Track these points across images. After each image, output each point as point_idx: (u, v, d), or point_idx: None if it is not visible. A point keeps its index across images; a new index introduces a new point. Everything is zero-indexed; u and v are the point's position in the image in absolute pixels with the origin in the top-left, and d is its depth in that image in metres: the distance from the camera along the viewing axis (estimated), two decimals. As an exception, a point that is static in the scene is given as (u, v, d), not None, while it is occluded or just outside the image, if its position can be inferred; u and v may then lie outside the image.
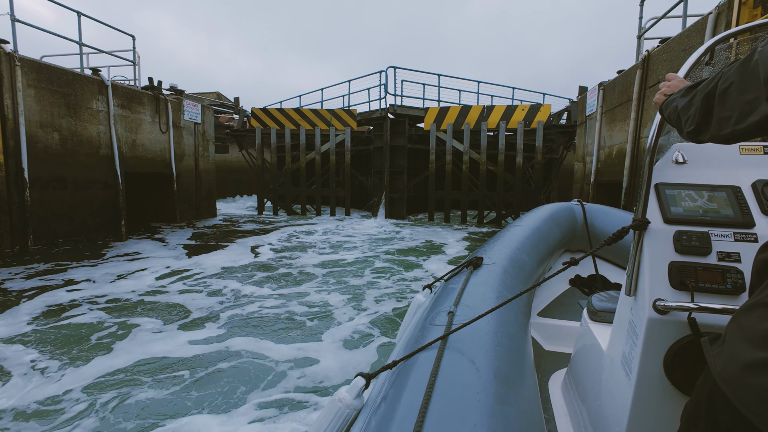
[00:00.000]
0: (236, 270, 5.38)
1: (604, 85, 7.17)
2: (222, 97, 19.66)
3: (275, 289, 4.56)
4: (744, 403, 0.51)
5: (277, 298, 4.20)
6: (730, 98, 0.69)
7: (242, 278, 4.99)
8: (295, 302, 4.08)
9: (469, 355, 1.01)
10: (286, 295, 4.30)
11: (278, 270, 5.43)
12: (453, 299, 1.40)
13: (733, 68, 0.69)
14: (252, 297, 4.24)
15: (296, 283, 4.83)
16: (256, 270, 5.40)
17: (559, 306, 2.58)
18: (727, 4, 3.83)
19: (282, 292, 4.42)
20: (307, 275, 5.17)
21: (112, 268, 5.35)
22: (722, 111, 0.71)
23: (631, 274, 1.12)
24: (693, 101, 0.80)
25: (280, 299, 4.17)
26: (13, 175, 6.08)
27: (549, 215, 3.06)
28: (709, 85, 0.75)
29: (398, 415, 0.82)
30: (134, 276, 4.98)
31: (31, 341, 3.10)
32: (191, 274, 5.13)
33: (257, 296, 4.28)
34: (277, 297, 4.25)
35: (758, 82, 0.62)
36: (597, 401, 1.27)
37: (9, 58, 5.94)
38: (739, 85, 0.67)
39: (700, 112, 0.78)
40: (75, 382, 2.53)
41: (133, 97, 8.31)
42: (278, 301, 4.13)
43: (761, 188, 1.12)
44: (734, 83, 0.68)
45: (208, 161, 10.87)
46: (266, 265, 5.70)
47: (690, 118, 0.81)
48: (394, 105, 11.31)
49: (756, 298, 0.60)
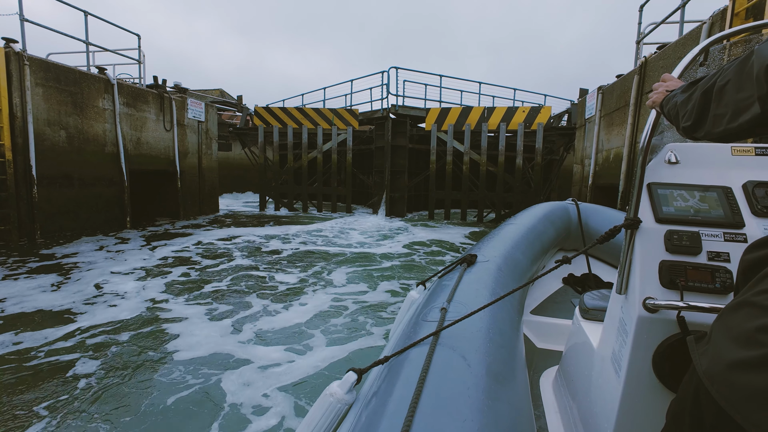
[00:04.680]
0: (248, 257, 5.51)
1: (603, 89, 7.25)
2: (225, 94, 19.75)
3: (297, 276, 4.70)
4: (728, 401, 0.51)
5: (297, 282, 4.35)
6: (727, 95, 0.69)
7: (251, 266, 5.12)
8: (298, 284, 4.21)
9: (461, 351, 1.02)
10: (305, 280, 4.44)
11: (276, 259, 5.56)
12: (446, 296, 1.42)
13: (733, 66, 0.69)
14: (281, 282, 4.46)
15: (291, 268, 4.95)
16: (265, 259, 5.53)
17: (552, 304, 2.59)
18: (720, 14, 3.93)
19: (287, 279, 4.55)
20: (302, 263, 5.30)
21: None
22: (717, 108, 0.71)
23: (623, 272, 1.13)
24: (692, 96, 0.80)
25: (300, 283, 4.32)
26: (21, 172, 6.20)
27: (544, 214, 3.08)
28: (709, 81, 0.75)
29: (389, 409, 0.83)
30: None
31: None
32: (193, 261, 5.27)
33: (285, 282, 4.48)
34: (299, 281, 4.39)
35: (752, 83, 0.62)
36: (587, 398, 1.28)
37: (18, 58, 6.05)
38: (735, 83, 0.67)
39: (697, 108, 0.78)
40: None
41: (138, 95, 8.42)
42: (298, 284, 4.28)
43: (752, 189, 1.12)
44: (731, 81, 0.68)
45: (211, 159, 10.97)
46: (265, 258, 5.82)
47: (687, 113, 0.81)
48: (396, 105, 11.39)
49: (741, 298, 0.59)
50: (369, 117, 12.07)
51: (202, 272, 5.19)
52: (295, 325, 3.54)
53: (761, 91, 0.60)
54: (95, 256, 5.81)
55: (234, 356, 2.92)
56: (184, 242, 7.06)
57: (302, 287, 4.64)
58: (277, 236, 8.03)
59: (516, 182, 10.78)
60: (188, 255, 6.10)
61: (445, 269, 1.85)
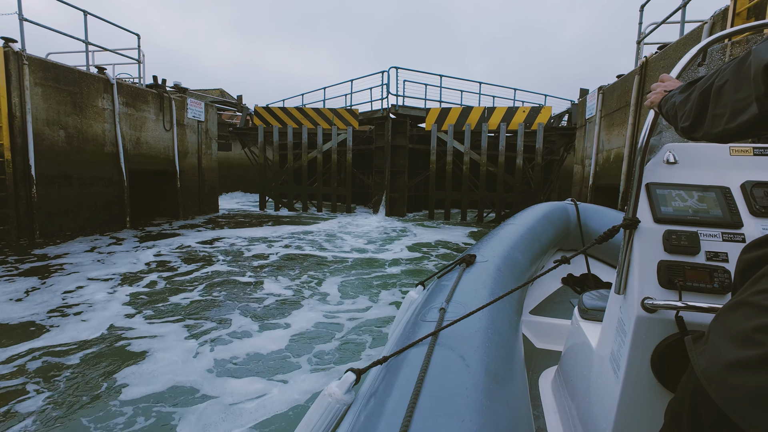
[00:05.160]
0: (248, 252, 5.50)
1: (604, 89, 7.23)
2: (225, 94, 19.75)
3: (291, 274, 4.68)
4: (726, 401, 0.51)
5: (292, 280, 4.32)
6: (725, 96, 0.68)
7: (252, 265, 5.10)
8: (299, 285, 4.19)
9: (459, 352, 1.02)
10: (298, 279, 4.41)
11: (271, 257, 5.55)
12: (445, 296, 1.42)
13: (731, 66, 0.69)
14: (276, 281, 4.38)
15: (293, 267, 4.94)
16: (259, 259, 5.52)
17: (551, 304, 2.59)
18: (722, 14, 3.91)
19: (284, 279, 4.53)
20: (302, 262, 5.28)
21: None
22: (716, 108, 0.71)
23: (621, 272, 1.13)
24: (690, 96, 0.79)
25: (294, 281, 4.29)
26: (21, 171, 6.19)
27: (543, 214, 3.07)
28: (707, 81, 0.75)
29: (387, 409, 0.83)
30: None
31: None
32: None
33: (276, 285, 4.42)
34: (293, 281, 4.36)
35: (749, 83, 0.62)
36: (586, 398, 1.28)
37: (17, 57, 6.04)
38: (733, 83, 0.67)
39: (696, 108, 0.77)
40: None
41: (137, 95, 8.40)
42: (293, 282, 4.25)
43: (750, 189, 1.12)
44: (729, 81, 0.68)
45: (210, 159, 10.97)
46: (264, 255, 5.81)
47: (686, 114, 0.80)
48: (396, 105, 11.39)
49: (739, 297, 0.59)
50: (369, 117, 12.06)
51: (182, 281, 4.82)
52: (277, 348, 3.11)
53: (758, 91, 0.60)
54: (82, 258, 5.65)
55: (198, 390, 2.49)
56: (176, 243, 6.99)
57: (292, 297, 4.35)
58: (274, 237, 8.01)
59: (516, 182, 10.76)
60: (175, 259, 5.86)
61: (444, 269, 1.84)
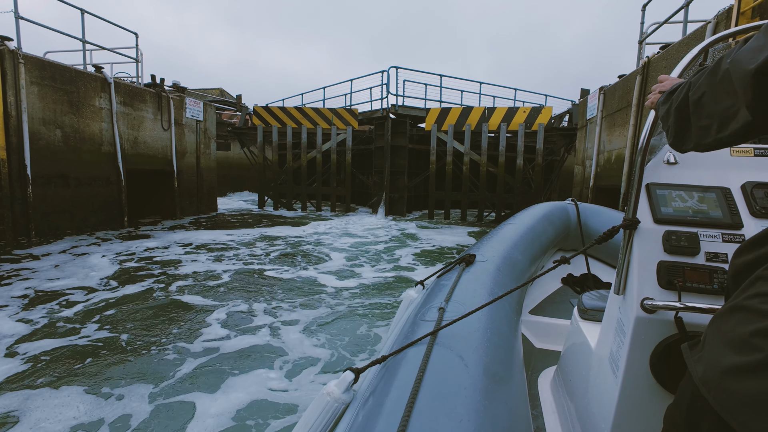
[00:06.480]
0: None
1: (605, 89, 7.18)
2: (225, 93, 19.72)
3: (294, 268, 4.62)
4: (725, 408, 0.51)
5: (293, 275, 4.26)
6: (706, 107, 0.68)
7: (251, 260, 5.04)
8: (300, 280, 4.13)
9: (458, 351, 1.01)
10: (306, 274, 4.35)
11: (270, 254, 5.49)
12: (444, 296, 1.41)
13: (702, 78, 0.69)
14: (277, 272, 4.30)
15: (289, 264, 4.88)
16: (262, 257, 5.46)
17: (550, 304, 2.58)
18: (726, 13, 3.85)
19: (285, 273, 4.48)
20: (298, 261, 5.23)
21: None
22: (700, 120, 0.70)
23: (621, 273, 1.13)
24: (670, 111, 0.79)
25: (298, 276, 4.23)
26: (16, 171, 6.13)
27: (543, 214, 3.07)
28: (679, 97, 0.75)
29: (385, 409, 0.82)
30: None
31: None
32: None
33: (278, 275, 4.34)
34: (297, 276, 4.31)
35: (733, 92, 0.61)
36: (584, 399, 1.28)
37: (13, 56, 5.98)
38: (712, 95, 0.66)
39: (675, 125, 0.78)
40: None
41: (135, 94, 8.35)
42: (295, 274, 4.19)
43: (750, 190, 1.12)
44: (707, 93, 0.68)
45: (209, 158, 10.91)
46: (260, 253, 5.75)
47: (669, 131, 0.81)
48: (396, 105, 11.34)
49: (734, 302, 0.59)
50: (369, 117, 12.01)
51: (138, 295, 4.08)
52: (277, 347, 2.70)
53: (746, 98, 0.59)
54: (50, 261, 5.29)
55: (194, 390, 2.14)
56: (165, 242, 6.87)
57: (288, 297, 4.04)
58: (270, 238, 7.94)
59: (516, 183, 10.71)
60: (152, 262, 5.45)
61: (444, 269, 1.83)
